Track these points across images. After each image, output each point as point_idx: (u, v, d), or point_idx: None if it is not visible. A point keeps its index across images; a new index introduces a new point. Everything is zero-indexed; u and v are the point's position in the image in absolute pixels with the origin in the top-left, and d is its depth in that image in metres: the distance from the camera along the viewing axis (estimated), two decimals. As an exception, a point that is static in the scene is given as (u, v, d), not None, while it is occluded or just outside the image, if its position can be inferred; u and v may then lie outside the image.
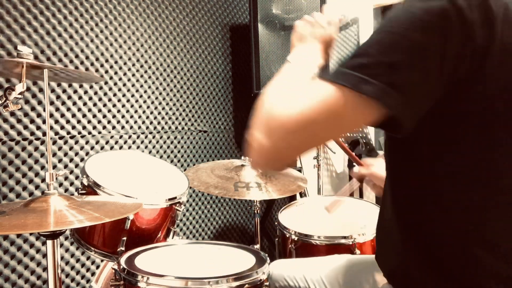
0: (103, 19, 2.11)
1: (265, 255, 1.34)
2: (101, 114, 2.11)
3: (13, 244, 1.83)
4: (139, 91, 2.25)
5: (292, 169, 2.14)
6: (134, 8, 2.23)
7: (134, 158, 1.85)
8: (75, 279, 2.02)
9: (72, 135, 2.01)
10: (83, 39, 2.04)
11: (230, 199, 2.71)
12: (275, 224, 2.03)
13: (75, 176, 2.02)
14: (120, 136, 2.19)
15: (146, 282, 1.15)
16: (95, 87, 2.09)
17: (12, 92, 1.12)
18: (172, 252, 1.41)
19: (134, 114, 2.24)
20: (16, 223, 1.02)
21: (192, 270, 1.25)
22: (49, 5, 1.92)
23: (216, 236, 2.65)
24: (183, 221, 2.48)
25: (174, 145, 2.42)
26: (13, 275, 1.82)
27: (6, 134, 1.82)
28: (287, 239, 1.67)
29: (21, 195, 1.85)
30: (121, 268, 1.22)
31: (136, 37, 2.24)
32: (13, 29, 1.82)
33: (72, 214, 1.09)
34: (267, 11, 2.44)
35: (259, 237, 2.02)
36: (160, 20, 2.34)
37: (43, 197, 1.16)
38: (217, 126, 2.64)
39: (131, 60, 2.22)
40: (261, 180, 1.85)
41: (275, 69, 2.43)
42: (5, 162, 1.82)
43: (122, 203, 1.28)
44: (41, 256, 1.89)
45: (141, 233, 1.55)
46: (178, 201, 1.60)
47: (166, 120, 2.38)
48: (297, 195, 2.29)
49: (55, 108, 1.96)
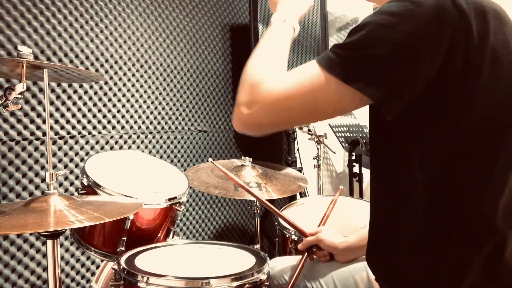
0: (103, 19, 2.11)
1: (265, 255, 1.34)
2: (101, 114, 2.11)
3: (13, 244, 1.83)
4: (139, 91, 2.25)
5: (292, 169, 2.14)
6: (134, 8, 2.23)
7: (134, 158, 1.85)
8: (75, 279, 2.02)
9: (72, 135, 2.01)
10: (83, 39, 2.04)
11: (230, 199, 2.71)
12: (275, 224, 2.03)
13: (75, 176, 2.01)
14: (120, 136, 2.19)
15: (146, 282, 1.15)
16: (95, 87, 2.09)
17: (12, 92, 1.12)
18: (172, 252, 1.41)
19: (134, 114, 2.24)
20: (16, 223, 1.02)
21: (192, 270, 1.25)
22: (49, 5, 1.92)
23: (216, 236, 2.65)
24: (183, 221, 2.48)
25: (174, 145, 2.42)
26: (13, 275, 1.82)
27: (6, 134, 1.82)
28: (287, 239, 1.67)
29: (21, 195, 1.85)
30: (121, 268, 1.22)
31: (136, 37, 2.24)
32: (13, 29, 1.82)
33: (72, 214, 1.09)
34: (267, 11, 2.44)
35: (259, 237, 2.02)
36: (160, 20, 2.34)
37: (43, 197, 1.16)
38: (217, 126, 2.64)
39: (131, 60, 2.22)
40: (261, 180, 1.85)
41: (275, 69, 2.43)
42: (5, 162, 1.82)
43: (122, 203, 1.28)
44: (41, 256, 1.89)
45: (141, 233, 1.55)
46: (178, 201, 1.60)
47: (166, 120, 2.38)
48: (297, 195, 2.29)
49: (55, 108, 1.96)
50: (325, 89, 0.80)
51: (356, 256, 1.24)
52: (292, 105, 0.83)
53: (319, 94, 0.81)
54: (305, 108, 0.83)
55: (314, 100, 0.82)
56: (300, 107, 0.83)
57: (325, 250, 1.27)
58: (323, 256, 1.28)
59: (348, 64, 0.79)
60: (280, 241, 1.76)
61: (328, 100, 0.82)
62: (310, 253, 1.29)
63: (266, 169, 1.99)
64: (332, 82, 0.79)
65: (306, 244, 1.30)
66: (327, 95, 0.81)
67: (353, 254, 1.23)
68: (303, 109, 0.83)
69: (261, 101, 0.84)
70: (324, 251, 1.28)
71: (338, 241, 1.25)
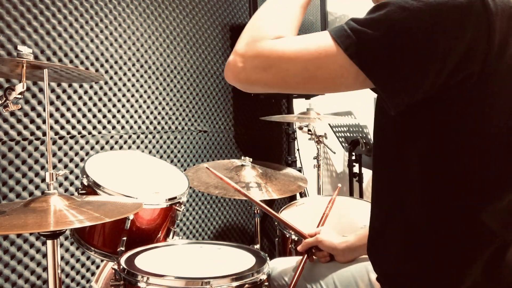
0: (103, 19, 2.11)
1: (265, 255, 1.34)
2: (101, 114, 2.11)
3: (13, 244, 1.83)
4: (139, 91, 2.25)
5: (292, 169, 2.14)
6: (134, 8, 2.23)
7: (134, 158, 1.85)
8: (75, 279, 2.02)
9: (72, 135, 2.01)
10: (83, 39, 2.04)
11: (230, 199, 2.71)
12: (275, 224, 2.03)
13: (75, 176, 2.01)
14: (120, 136, 2.19)
15: (146, 282, 1.15)
16: (95, 87, 2.09)
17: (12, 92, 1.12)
18: (172, 252, 1.41)
19: (134, 114, 2.24)
20: (16, 223, 1.02)
21: (192, 270, 1.25)
22: (49, 5, 1.92)
23: (216, 236, 2.65)
24: (183, 221, 2.48)
25: (174, 145, 2.42)
26: (13, 275, 1.82)
27: (6, 134, 1.82)
28: (287, 239, 1.67)
29: (21, 195, 1.85)
30: (121, 268, 1.22)
31: (136, 37, 2.24)
32: (13, 29, 1.82)
33: (72, 214, 1.09)
34: (267, 11, 2.44)
35: (259, 237, 2.02)
36: (160, 20, 2.34)
37: (43, 197, 1.16)
38: (217, 126, 2.64)
39: (131, 60, 2.22)
40: (261, 180, 1.85)
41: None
42: (5, 162, 1.82)
43: (122, 203, 1.28)
44: (41, 256, 1.89)
45: (141, 233, 1.55)
46: (178, 201, 1.60)
47: (166, 120, 2.37)
48: (297, 195, 2.29)
49: (55, 108, 1.96)
50: (330, 60, 0.77)
51: (356, 256, 1.23)
52: (290, 68, 0.79)
53: (322, 63, 0.77)
54: (303, 75, 0.79)
55: (316, 68, 0.78)
56: (298, 72, 0.79)
57: (324, 251, 1.27)
58: (323, 257, 1.27)
59: (359, 42, 0.75)
60: (280, 241, 1.75)
61: (331, 72, 0.78)
62: (310, 254, 1.29)
63: (266, 169, 1.99)
64: (340, 55, 0.76)
65: (306, 245, 1.29)
66: (330, 67, 0.77)
67: (353, 254, 1.23)
68: (302, 75, 0.79)
69: (260, 55, 0.81)
70: (323, 252, 1.27)
71: (337, 241, 1.25)
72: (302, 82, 0.81)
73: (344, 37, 0.77)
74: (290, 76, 0.81)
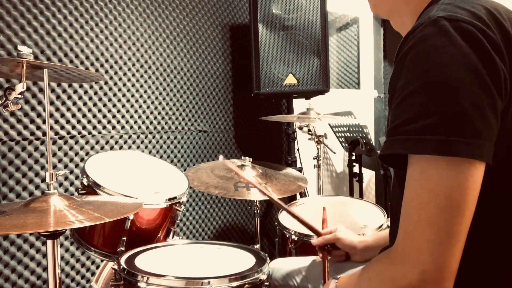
0: (103, 19, 2.11)
1: (265, 255, 1.34)
2: (101, 114, 2.11)
3: (13, 244, 1.83)
4: (139, 91, 2.25)
5: (292, 169, 2.14)
6: (134, 8, 2.23)
7: (134, 158, 1.85)
8: (75, 279, 2.02)
9: (72, 135, 2.01)
10: (83, 39, 2.04)
11: (230, 199, 2.71)
12: (275, 224, 2.03)
13: (75, 176, 2.02)
14: (120, 136, 2.19)
15: (146, 282, 1.15)
16: (95, 87, 2.09)
17: (12, 92, 1.12)
18: (172, 252, 1.41)
19: (134, 114, 2.24)
20: (16, 223, 1.02)
21: (192, 270, 1.25)
22: (49, 5, 1.92)
23: (216, 236, 2.65)
24: (183, 221, 2.48)
25: (174, 145, 2.42)
26: (13, 275, 1.82)
27: (6, 134, 1.82)
28: (287, 239, 1.67)
29: (21, 195, 1.85)
30: (121, 268, 1.22)
31: (136, 37, 2.24)
32: (13, 29, 1.82)
33: (72, 214, 1.09)
34: (267, 11, 2.44)
35: (259, 237, 2.02)
36: (160, 20, 2.34)
37: (43, 197, 1.16)
38: (217, 126, 2.64)
39: (131, 60, 2.22)
40: (261, 180, 1.85)
41: (275, 69, 2.43)
42: (5, 162, 1.82)
43: (122, 203, 1.28)
44: (41, 256, 1.89)
45: (141, 233, 1.55)
46: (178, 201, 1.60)
47: (166, 120, 2.38)
48: (297, 195, 2.29)
49: (55, 108, 1.96)
50: (456, 175, 0.67)
51: (372, 256, 1.22)
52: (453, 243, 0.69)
53: (455, 187, 0.67)
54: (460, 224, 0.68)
55: (457, 200, 0.67)
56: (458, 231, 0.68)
57: (341, 250, 1.24)
58: (339, 256, 1.24)
59: (438, 137, 0.68)
60: (280, 241, 1.76)
61: (467, 185, 0.68)
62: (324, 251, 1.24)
63: (266, 169, 1.99)
64: (455, 162, 0.67)
65: (323, 241, 1.24)
66: (464, 182, 0.67)
67: (370, 254, 1.22)
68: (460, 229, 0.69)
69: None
70: (340, 251, 1.24)
71: (357, 240, 1.23)
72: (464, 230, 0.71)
73: (425, 144, 0.69)
74: (461, 243, 0.71)
